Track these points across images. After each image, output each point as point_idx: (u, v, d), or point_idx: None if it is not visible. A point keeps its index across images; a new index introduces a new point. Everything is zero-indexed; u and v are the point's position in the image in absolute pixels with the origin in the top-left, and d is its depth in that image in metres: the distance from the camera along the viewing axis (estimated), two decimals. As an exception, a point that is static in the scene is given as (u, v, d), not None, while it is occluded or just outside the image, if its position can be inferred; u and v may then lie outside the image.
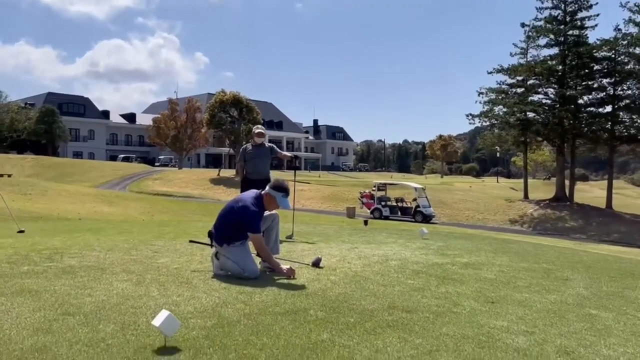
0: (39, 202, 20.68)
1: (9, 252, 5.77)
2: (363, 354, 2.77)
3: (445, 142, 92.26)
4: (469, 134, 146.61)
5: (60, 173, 48.29)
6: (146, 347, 2.79)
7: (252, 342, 2.91)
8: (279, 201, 4.77)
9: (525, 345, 3.00)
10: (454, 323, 3.38)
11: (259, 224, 4.70)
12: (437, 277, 4.89)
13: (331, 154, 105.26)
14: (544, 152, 69.13)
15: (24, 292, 3.87)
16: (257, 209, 4.69)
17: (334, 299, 3.94)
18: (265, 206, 4.80)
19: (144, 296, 3.85)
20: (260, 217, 4.75)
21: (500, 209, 35.51)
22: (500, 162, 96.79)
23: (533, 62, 39.54)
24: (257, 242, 4.70)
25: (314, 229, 9.81)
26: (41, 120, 62.14)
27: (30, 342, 2.81)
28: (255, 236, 4.66)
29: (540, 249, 7.55)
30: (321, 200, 38.11)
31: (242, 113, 53.27)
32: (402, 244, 7.31)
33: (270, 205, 4.81)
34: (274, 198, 4.76)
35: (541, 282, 4.85)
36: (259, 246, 4.74)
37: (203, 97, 73.02)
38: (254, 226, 4.64)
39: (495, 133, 43.47)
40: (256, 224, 4.66)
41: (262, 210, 4.79)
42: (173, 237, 7.58)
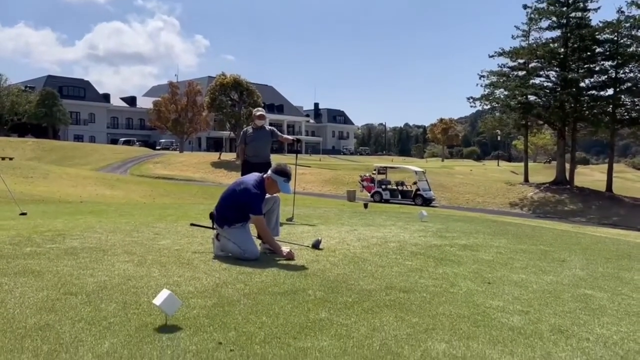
0: (41, 185, 20.74)
1: (11, 234, 5.82)
2: (360, 332, 2.82)
3: (446, 125, 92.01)
4: (470, 118, 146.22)
5: (61, 156, 48.33)
6: (147, 325, 2.85)
7: (251, 321, 2.96)
8: (280, 186, 4.81)
9: (520, 324, 3.05)
10: (450, 303, 3.44)
11: (260, 205, 4.75)
12: (435, 258, 4.94)
13: (332, 137, 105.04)
14: (545, 136, 68.96)
15: (26, 273, 3.92)
16: (258, 191, 4.74)
17: (332, 279, 3.99)
18: (266, 190, 4.84)
19: (145, 276, 3.91)
20: (262, 199, 4.80)
21: (500, 193, 35.57)
22: (501, 146, 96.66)
23: (535, 45, 39.22)
24: (259, 224, 4.75)
25: (314, 211, 9.86)
26: (42, 104, 61.98)
27: (34, 321, 2.86)
28: (257, 218, 4.71)
29: (538, 232, 7.60)
30: (322, 184, 38.17)
31: (242, 96, 53.06)
32: (401, 227, 7.36)
33: (272, 189, 4.85)
34: (276, 182, 4.80)
35: (538, 263, 4.90)
36: (261, 228, 4.79)
37: (204, 80, 72.67)
38: (256, 208, 4.69)
39: (497, 116, 43.33)
40: (258, 206, 4.71)
41: (263, 193, 4.83)
42: (174, 220, 7.63)
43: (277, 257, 4.75)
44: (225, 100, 53.14)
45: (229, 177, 41.07)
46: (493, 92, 40.37)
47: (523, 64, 40.44)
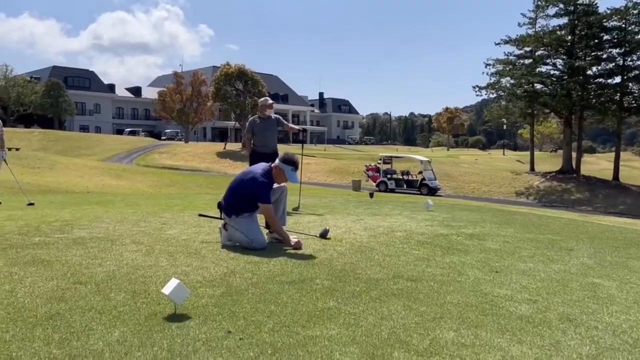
0: (47, 175, 20.84)
1: (20, 224, 5.86)
2: (368, 321, 2.83)
3: (451, 114, 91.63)
4: (475, 106, 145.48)
5: (67, 147, 48.50)
6: (156, 314, 2.87)
7: (259, 310, 2.98)
8: (288, 175, 4.83)
9: (528, 312, 3.05)
10: (458, 292, 3.44)
11: (269, 195, 4.76)
12: (442, 247, 4.94)
13: (337, 127, 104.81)
14: (551, 124, 68.56)
15: (36, 262, 3.95)
16: (266, 180, 4.75)
17: (340, 268, 4.00)
18: (274, 179, 4.86)
19: (153, 266, 3.93)
20: (270, 188, 4.81)
21: (506, 182, 35.44)
22: (507, 135, 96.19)
23: (541, 33, 38.81)
24: (268, 213, 4.77)
25: (320, 201, 9.86)
26: (47, 94, 62.12)
27: (44, 310, 2.89)
28: (266, 206, 4.72)
29: (545, 221, 7.58)
30: (327, 174, 38.15)
31: (247, 86, 52.96)
32: (407, 216, 7.36)
33: (279, 178, 4.87)
34: (283, 171, 4.82)
35: (545, 252, 4.89)
36: (269, 217, 4.80)
37: (208, 70, 72.52)
38: (264, 197, 4.71)
39: (502, 105, 43.03)
40: (266, 195, 4.72)
41: (271, 182, 4.85)
42: (181, 210, 7.65)
43: (285, 246, 4.76)
44: (230, 90, 53.06)
45: (234, 167, 41.13)
46: (499, 80, 40.08)
47: (529, 52, 40.08)
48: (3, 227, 5.65)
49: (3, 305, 2.94)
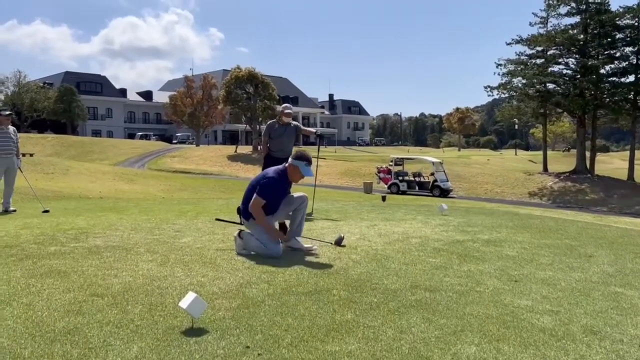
0: (61, 181, 21.01)
1: (35, 232, 5.89)
2: (388, 335, 2.79)
3: (462, 114, 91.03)
4: (486, 106, 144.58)
5: (80, 152, 48.92)
6: (174, 328, 2.85)
7: (277, 323, 2.95)
8: (303, 170, 4.85)
9: (550, 325, 2.99)
10: (477, 302, 3.38)
11: (269, 190, 4.75)
12: (459, 255, 4.88)
13: (347, 128, 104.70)
14: (564, 124, 67.86)
15: (53, 273, 3.96)
16: (275, 176, 4.80)
17: (356, 278, 3.96)
18: (290, 177, 4.90)
19: (169, 277, 3.92)
20: (276, 185, 4.80)
21: (519, 182, 35.14)
22: (519, 134, 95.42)
23: (553, 32, 38.46)
24: (256, 204, 4.73)
25: (332, 205, 9.82)
26: (60, 100, 62.74)
27: (62, 324, 2.88)
28: (257, 198, 4.71)
29: (562, 224, 7.47)
30: (338, 176, 38.09)
31: (257, 89, 53.03)
32: (421, 221, 7.30)
33: (295, 175, 4.89)
34: (297, 168, 4.84)
35: (564, 259, 4.81)
36: (256, 209, 4.75)
37: (218, 74, 72.80)
38: (263, 189, 4.73)
39: (514, 105, 42.68)
40: (266, 190, 4.74)
41: (286, 182, 4.89)
42: (194, 216, 7.66)
43: (299, 254, 4.73)
44: (240, 93, 53.17)
45: (246, 170, 41.23)
46: (511, 80, 39.77)
47: (541, 52, 39.73)
48: (19, 236, 5.68)
49: (21, 320, 2.94)
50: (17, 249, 4.88)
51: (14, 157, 8.52)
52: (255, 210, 4.75)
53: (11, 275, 3.89)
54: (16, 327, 2.84)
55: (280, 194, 4.92)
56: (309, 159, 4.88)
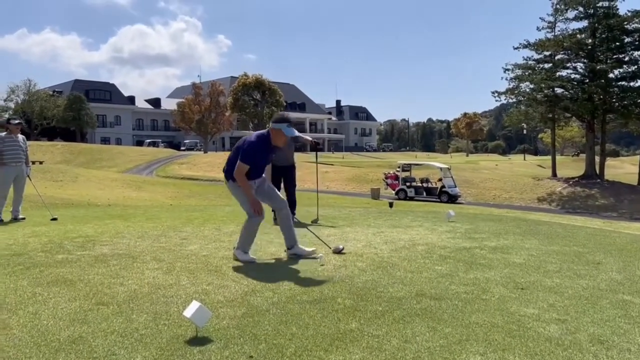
0: (70, 188, 21.16)
1: (43, 240, 5.93)
2: (392, 344, 2.78)
3: (470, 120, 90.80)
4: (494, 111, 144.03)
5: (89, 159, 49.25)
6: (178, 337, 2.85)
7: (281, 332, 2.94)
8: (285, 131, 4.79)
9: (557, 334, 2.96)
10: (483, 311, 3.36)
11: (251, 155, 4.75)
12: (465, 262, 4.85)
13: (354, 134, 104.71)
14: (573, 128, 67.36)
15: (59, 282, 3.98)
16: (258, 142, 4.79)
17: (361, 286, 3.95)
18: (273, 142, 4.83)
19: (174, 285, 3.93)
20: (258, 149, 4.78)
21: (527, 188, 34.92)
22: (527, 139, 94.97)
23: (561, 36, 38.28)
24: (240, 171, 4.75)
25: (339, 212, 9.81)
26: (69, 107, 63.28)
27: (67, 333, 2.89)
28: (241, 165, 4.73)
29: (570, 231, 7.41)
30: (345, 182, 38.03)
31: (264, 96, 53.32)
32: (428, 228, 7.26)
33: (278, 138, 4.82)
34: (280, 130, 4.79)
35: (572, 266, 4.76)
36: (240, 176, 4.77)
37: (226, 81, 73.15)
38: (245, 154, 4.74)
39: (522, 110, 42.45)
40: (249, 154, 4.73)
41: (268, 147, 4.84)
42: (201, 223, 7.67)
43: (305, 262, 4.73)
44: (247, 100, 53.50)
45: (253, 176, 41.25)
46: (518, 85, 39.57)
47: (549, 56, 39.54)
48: (27, 244, 5.73)
49: (27, 329, 2.95)
50: (24, 258, 4.91)
51: (24, 165, 8.59)
52: (240, 178, 4.77)
53: (18, 284, 3.91)
54: (22, 336, 2.85)
55: (263, 160, 4.92)
56: (290, 120, 4.88)
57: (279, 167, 8.17)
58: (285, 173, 8.33)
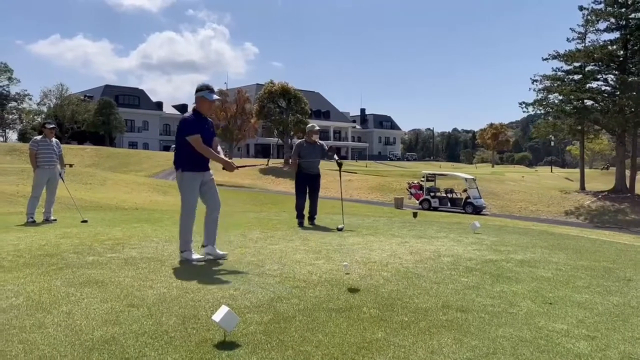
0: (99, 191, 21.61)
1: (74, 242, 6.09)
2: (418, 355, 2.78)
3: (496, 130, 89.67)
4: (521, 122, 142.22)
5: (117, 163, 50.20)
6: (207, 341, 2.90)
7: (308, 339, 2.97)
8: (207, 96, 5.11)
9: (586, 350, 2.92)
10: (510, 324, 3.33)
11: (190, 126, 4.99)
12: (492, 274, 4.81)
13: (378, 143, 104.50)
14: (602, 141, 66.08)
15: (91, 283, 4.08)
16: (190, 116, 5.09)
17: (386, 296, 3.95)
18: (201, 111, 5.15)
19: (202, 289, 3.99)
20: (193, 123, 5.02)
21: (554, 201, 34.31)
22: (555, 151, 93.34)
23: (592, 48, 37.66)
24: (196, 143, 4.95)
25: (363, 221, 9.81)
26: (99, 112, 64.77)
27: (100, 333, 2.97)
28: (192, 138, 4.94)
29: (599, 246, 7.27)
30: (368, 191, 37.95)
31: (290, 103, 53.59)
32: (454, 239, 7.22)
33: (204, 107, 5.15)
34: (201, 97, 5.12)
35: (602, 282, 4.68)
36: (198, 146, 4.96)
37: (252, 88, 73.92)
38: (184, 128, 4.98)
39: (550, 122, 41.85)
40: (187, 126, 4.98)
41: (201, 119, 5.10)
42: (225, 229, 7.76)
43: (329, 271, 4.75)
44: (273, 107, 53.81)
45: (277, 183, 41.51)
46: (547, 96, 39.08)
47: (579, 68, 38.91)
48: (59, 245, 5.88)
49: (61, 328, 3.04)
50: (57, 258, 5.05)
51: (56, 168, 8.84)
52: (199, 147, 4.95)
53: (52, 284, 4.03)
54: (56, 335, 2.94)
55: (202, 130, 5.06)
56: (209, 87, 5.18)
57: (307, 174, 8.57)
58: (311, 181, 8.62)
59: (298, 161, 8.56)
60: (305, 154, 8.57)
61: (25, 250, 5.50)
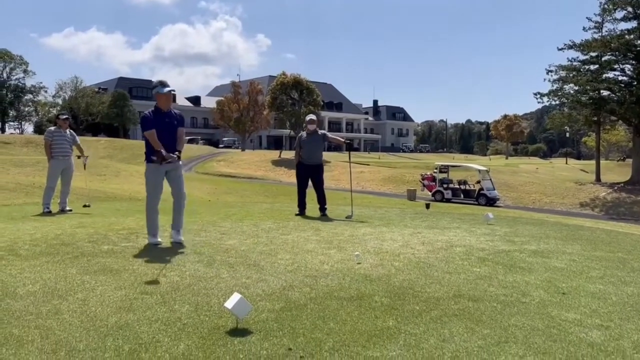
0: (113, 182, 21.84)
1: (89, 232, 6.17)
2: (430, 343, 2.78)
3: (510, 121, 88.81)
4: (536, 113, 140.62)
5: (131, 154, 50.61)
6: (219, 327, 2.94)
7: (319, 327, 2.99)
8: (160, 91, 5.44)
9: (599, 339, 2.90)
10: (522, 314, 3.32)
11: (146, 122, 5.40)
12: (504, 265, 4.79)
13: (391, 134, 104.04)
14: (619, 132, 65.20)
15: (105, 271, 4.14)
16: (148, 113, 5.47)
17: (398, 285, 3.95)
18: (160, 107, 5.51)
19: (214, 277, 4.03)
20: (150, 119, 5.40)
21: (569, 192, 33.95)
22: (570, 143, 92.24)
23: (609, 37, 37.01)
24: (150, 137, 5.39)
25: (375, 212, 9.80)
26: (113, 104, 65.25)
27: (115, 320, 3.02)
28: (147, 133, 5.38)
29: (614, 237, 7.19)
30: (381, 182, 37.86)
31: (302, 95, 53.56)
32: (466, 229, 7.18)
33: (161, 101, 5.50)
34: (157, 93, 5.47)
35: (616, 272, 4.63)
36: (152, 140, 5.37)
37: (264, 80, 73.93)
38: (143, 125, 5.42)
39: (565, 113, 41.31)
40: (144, 123, 5.41)
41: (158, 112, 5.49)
42: (239, 219, 7.81)
43: (340, 260, 4.76)
44: (285, 99, 53.84)
45: (289, 175, 41.56)
46: (562, 87, 38.53)
47: (595, 57, 38.31)
48: (74, 234, 5.96)
49: (77, 314, 3.09)
50: (72, 247, 5.13)
51: (71, 158, 8.93)
52: (152, 139, 5.36)
53: (67, 272, 4.09)
54: (72, 320, 2.99)
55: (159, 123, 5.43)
56: (162, 82, 5.52)
57: (307, 165, 8.58)
58: (312, 172, 8.60)
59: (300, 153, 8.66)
60: (305, 144, 8.61)
61: (41, 239, 5.58)
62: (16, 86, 65.87)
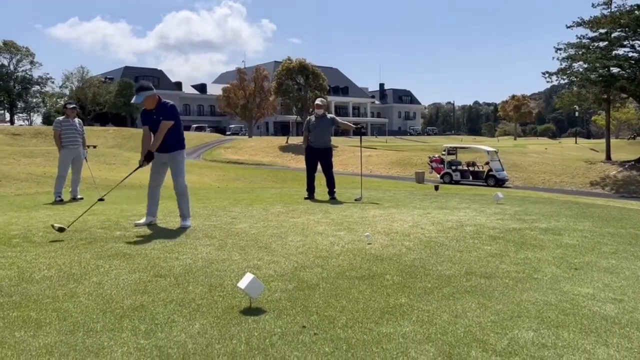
0: (122, 171, 21.94)
1: (101, 219, 6.22)
2: (443, 318, 2.79)
3: (518, 102, 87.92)
4: (544, 93, 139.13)
5: (138, 143, 50.63)
6: (233, 307, 2.97)
7: (332, 305, 3.01)
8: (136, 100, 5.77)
9: (613, 313, 2.90)
10: (535, 289, 3.32)
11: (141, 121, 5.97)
12: (515, 242, 4.78)
13: (398, 118, 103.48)
14: (629, 110, 64.40)
15: (119, 256, 4.18)
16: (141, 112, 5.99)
17: (409, 264, 3.96)
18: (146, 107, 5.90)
19: (227, 260, 4.06)
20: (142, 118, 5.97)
21: (579, 172, 33.71)
22: (579, 122, 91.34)
23: (618, 13, 36.41)
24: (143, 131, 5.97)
25: (384, 194, 9.80)
26: (120, 94, 65.29)
27: (130, 301, 3.06)
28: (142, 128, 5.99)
29: (626, 214, 7.15)
30: (389, 166, 37.77)
31: (308, 80, 53.29)
32: (476, 209, 7.17)
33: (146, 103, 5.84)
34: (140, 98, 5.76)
35: (629, 248, 4.62)
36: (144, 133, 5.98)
37: (270, 65, 73.61)
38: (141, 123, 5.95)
39: (575, 91, 40.86)
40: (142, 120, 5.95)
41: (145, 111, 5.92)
42: (249, 204, 7.84)
43: (351, 241, 4.77)
44: (291, 84, 53.59)
45: (297, 160, 41.55)
46: (571, 65, 38.03)
47: (605, 34, 37.73)
48: (87, 221, 6.01)
49: (93, 297, 3.14)
50: (85, 234, 5.18)
51: (81, 147, 8.98)
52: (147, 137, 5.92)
53: (82, 257, 4.14)
54: (88, 303, 3.03)
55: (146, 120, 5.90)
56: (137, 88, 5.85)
57: (316, 149, 8.56)
58: (321, 155, 8.59)
59: (308, 136, 8.67)
60: (313, 128, 8.61)
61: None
62: (23, 78, 66.06)
